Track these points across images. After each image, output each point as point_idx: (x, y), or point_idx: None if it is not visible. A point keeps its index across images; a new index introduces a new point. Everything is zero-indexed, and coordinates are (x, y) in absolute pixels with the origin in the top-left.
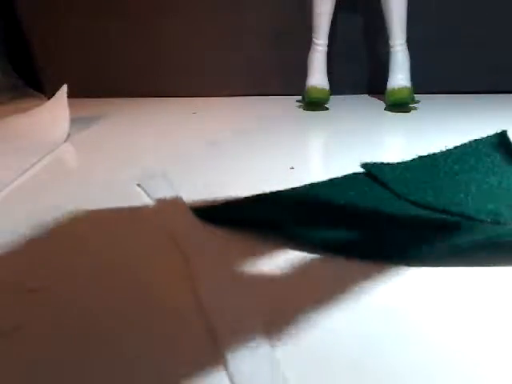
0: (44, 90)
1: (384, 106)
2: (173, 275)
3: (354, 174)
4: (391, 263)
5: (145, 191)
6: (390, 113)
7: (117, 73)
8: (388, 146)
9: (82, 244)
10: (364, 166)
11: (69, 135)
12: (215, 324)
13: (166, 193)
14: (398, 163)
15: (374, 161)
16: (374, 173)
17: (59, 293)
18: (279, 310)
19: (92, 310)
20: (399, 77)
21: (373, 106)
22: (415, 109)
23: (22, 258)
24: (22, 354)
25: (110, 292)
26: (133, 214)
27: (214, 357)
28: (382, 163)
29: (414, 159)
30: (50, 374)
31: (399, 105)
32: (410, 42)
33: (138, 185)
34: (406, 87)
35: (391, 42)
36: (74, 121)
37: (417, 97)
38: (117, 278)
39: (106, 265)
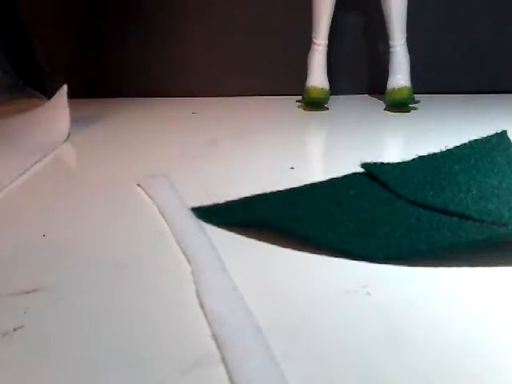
0: (44, 90)
1: (384, 106)
2: (174, 276)
3: (354, 173)
4: (391, 263)
5: (145, 191)
6: (390, 113)
7: (117, 73)
8: (388, 146)
9: (83, 244)
10: (364, 165)
11: (69, 135)
12: (216, 326)
13: (167, 193)
14: (398, 163)
15: (374, 161)
16: (373, 173)
17: (60, 293)
18: (280, 311)
19: (92, 311)
20: (399, 77)
21: (373, 106)
22: (415, 109)
23: (22, 258)
24: (23, 355)
25: (110, 292)
26: (133, 215)
27: (215, 358)
28: (382, 163)
29: (413, 159)
30: (50, 374)
31: (399, 105)
32: (410, 42)
33: (139, 185)
34: (405, 87)
35: (391, 42)
36: (74, 121)
37: (417, 97)
38: (117, 279)
39: (106, 265)
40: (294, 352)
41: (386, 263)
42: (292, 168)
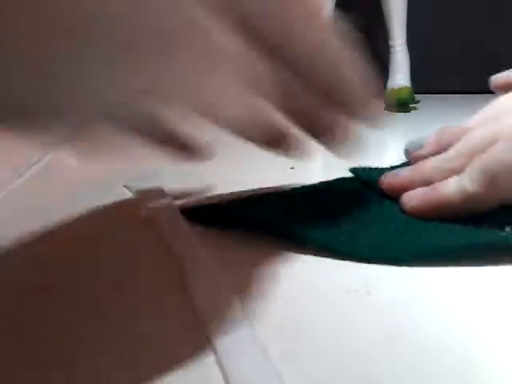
0: None
1: (384, 106)
2: (166, 277)
3: (344, 178)
4: (386, 263)
5: (131, 192)
6: (389, 113)
7: None
8: (388, 146)
9: (83, 244)
10: (352, 170)
11: None
12: (208, 327)
13: (154, 193)
14: (386, 168)
15: (373, 161)
16: (362, 177)
17: (59, 293)
18: (279, 310)
19: (91, 311)
20: (399, 77)
21: None
22: (415, 109)
23: (22, 258)
24: (23, 354)
25: (108, 292)
26: (133, 215)
27: (209, 359)
28: (371, 168)
29: (403, 163)
30: (50, 374)
31: (399, 105)
32: (410, 42)
33: (125, 186)
34: (405, 87)
35: (391, 42)
36: None
37: (417, 97)
38: (116, 279)
39: (105, 265)
40: (293, 352)
41: (381, 263)
42: (292, 168)
